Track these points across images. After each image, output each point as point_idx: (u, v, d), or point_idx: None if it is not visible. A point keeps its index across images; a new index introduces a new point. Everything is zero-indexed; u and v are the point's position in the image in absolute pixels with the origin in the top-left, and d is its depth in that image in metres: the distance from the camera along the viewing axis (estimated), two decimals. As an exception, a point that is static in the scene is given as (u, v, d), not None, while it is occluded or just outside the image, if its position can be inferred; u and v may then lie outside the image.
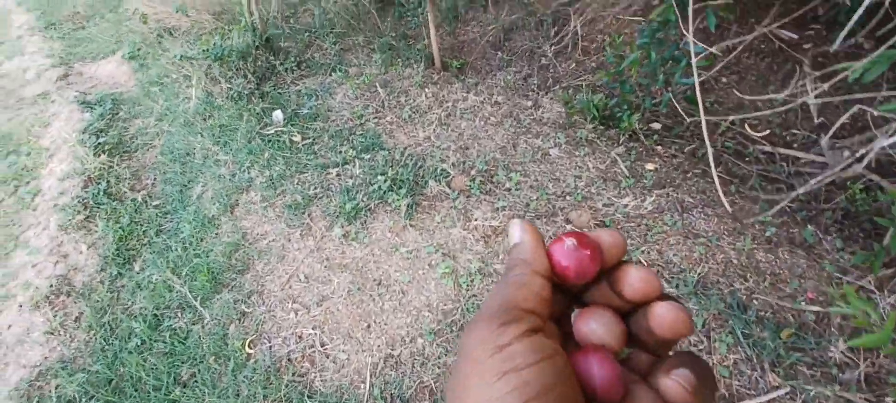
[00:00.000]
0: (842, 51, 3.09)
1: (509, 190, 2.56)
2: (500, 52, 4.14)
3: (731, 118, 2.81)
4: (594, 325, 0.32)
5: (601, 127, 3.01)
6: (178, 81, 4.00)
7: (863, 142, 2.60)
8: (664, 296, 0.32)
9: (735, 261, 2.11)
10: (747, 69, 3.21)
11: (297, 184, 2.77)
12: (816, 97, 2.78)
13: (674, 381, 0.29)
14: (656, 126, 3.04)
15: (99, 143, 3.54)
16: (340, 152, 2.93)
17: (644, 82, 2.99)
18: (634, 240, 2.23)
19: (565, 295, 0.37)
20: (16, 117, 4.24)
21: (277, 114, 3.25)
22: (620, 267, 0.33)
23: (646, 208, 2.37)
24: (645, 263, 2.13)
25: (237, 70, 3.67)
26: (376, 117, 3.26)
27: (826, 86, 1.96)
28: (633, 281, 0.32)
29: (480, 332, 0.29)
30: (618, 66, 2.88)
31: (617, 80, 2.91)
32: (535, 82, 3.65)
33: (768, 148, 2.85)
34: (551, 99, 3.37)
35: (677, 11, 2.62)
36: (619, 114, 3.00)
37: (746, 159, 2.78)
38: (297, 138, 3.06)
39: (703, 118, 2.30)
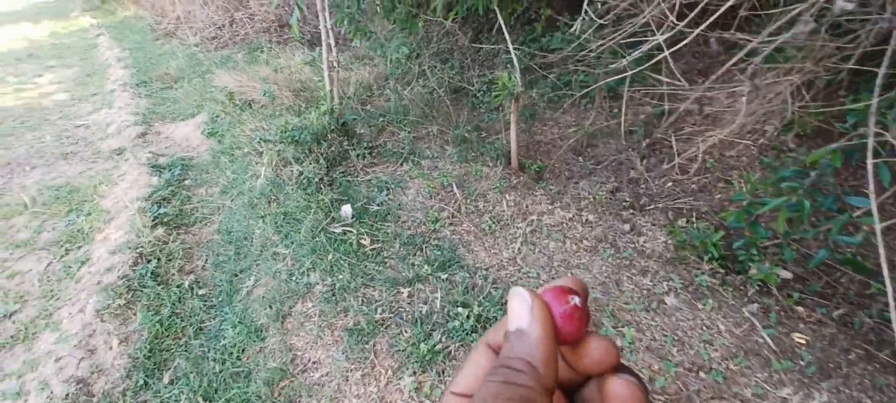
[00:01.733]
0: None
1: (622, 349, 1.92)
2: (581, 158, 3.62)
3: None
4: None
5: (720, 270, 2.36)
6: (250, 155, 3.65)
7: None
8: (620, 367, 0.27)
9: None
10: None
11: (363, 301, 2.22)
12: None
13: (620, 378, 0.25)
14: (785, 275, 2.36)
15: (159, 214, 3.15)
16: (413, 265, 2.39)
17: (785, 230, 2.35)
18: (813, 464, 1.53)
19: None
20: (88, 171, 3.98)
21: (346, 209, 2.78)
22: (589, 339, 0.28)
23: (816, 410, 1.68)
24: None
25: (310, 152, 3.27)
26: (452, 224, 2.74)
27: None
28: (597, 353, 0.27)
29: None
30: (751, 206, 2.27)
31: (748, 220, 2.29)
32: (627, 199, 3.07)
33: (892, 300, 2.12)
34: (651, 224, 2.76)
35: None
36: (742, 257, 2.36)
37: (921, 341, 2.06)
38: (366, 241, 2.55)
39: (891, 296, 1.65)
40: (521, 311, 0.26)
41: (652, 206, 3.06)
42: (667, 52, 2.28)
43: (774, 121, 3.02)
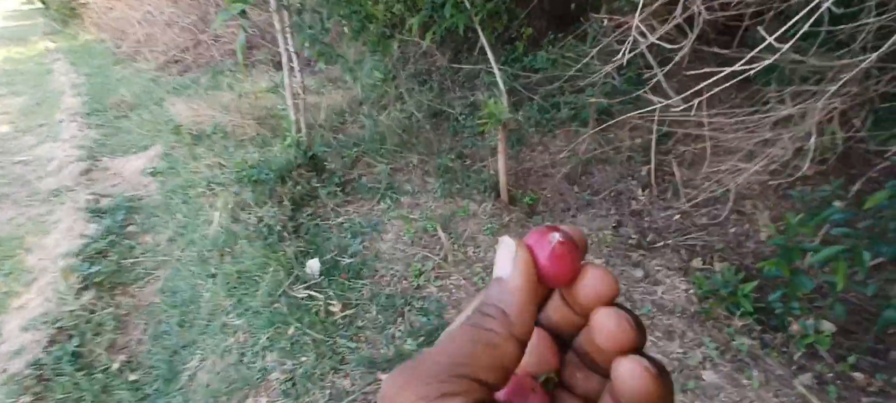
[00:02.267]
0: None
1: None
2: (576, 187, 3.21)
3: None
4: None
5: (757, 327, 1.95)
6: (204, 195, 3.11)
7: None
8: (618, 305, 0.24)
9: None
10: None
11: (331, 395, 1.70)
12: None
13: (635, 360, 0.21)
14: (829, 327, 1.96)
15: (89, 274, 2.57)
16: (394, 338, 1.90)
17: (831, 280, 1.95)
18: None
19: None
20: (18, 217, 3.35)
21: (313, 265, 2.27)
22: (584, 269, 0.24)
23: None
24: None
25: (272, 193, 2.76)
26: (439, 278, 2.26)
27: None
28: (592, 282, 0.23)
29: (412, 399, 0.20)
30: (791, 253, 1.86)
31: (794, 269, 1.87)
32: (632, 235, 2.66)
33: None
34: (666, 268, 2.34)
35: None
36: (779, 310, 1.95)
37: None
38: (336, 307, 2.04)
39: None
40: (505, 260, 0.24)
41: (661, 244, 2.65)
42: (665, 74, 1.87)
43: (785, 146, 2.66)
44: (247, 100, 4.11)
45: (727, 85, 1.87)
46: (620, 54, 2.05)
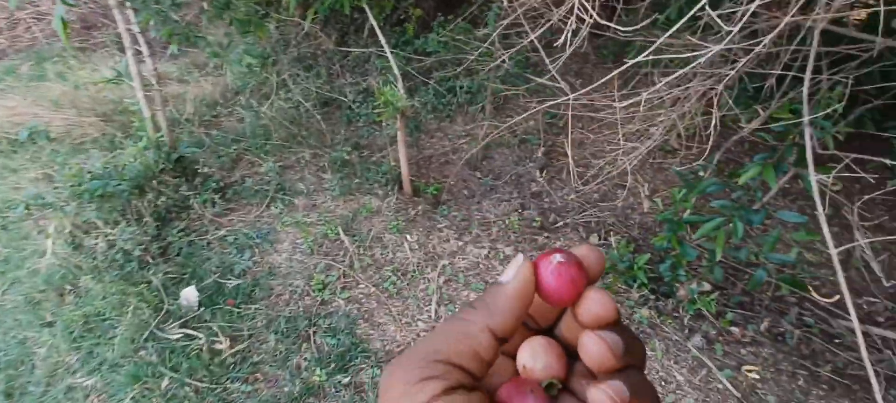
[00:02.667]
0: None
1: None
2: (478, 173, 3.15)
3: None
4: (525, 355, 0.26)
5: (651, 296, 2.06)
6: (31, 219, 2.41)
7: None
8: (617, 325, 0.25)
9: None
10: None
11: (223, 457, 1.39)
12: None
13: (602, 391, 0.22)
14: (705, 288, 2.15)
15: None
16: (300, 369, 1.62)
17: (708, 247, 2.11)
18: None
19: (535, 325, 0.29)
20: None
21: (189, 294, 1.86)
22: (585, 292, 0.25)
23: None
24: None
25: (126, 209, 2.21)
26: (346, 288, 2.00)
27: None
28: (590, 304, 0.24)
29: (398, 385, 0.22)
30: (678, 226, 1.97)
31: (679, 240, 1.98)
32: (536, 218, 2.67)
33: (857, 326, 2.09)
34: (568, 246, 2.38)
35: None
36: (668, 278, 2.09)
37: (837, 341, 1.98)
38: (223, 344, 1.68)
39: (858, 329, 1.45)
40: (511, 269, 0.26)
41: (561, 223, 2.71)
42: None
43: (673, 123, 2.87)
44: (85, 92, 3.30)
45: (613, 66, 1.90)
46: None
